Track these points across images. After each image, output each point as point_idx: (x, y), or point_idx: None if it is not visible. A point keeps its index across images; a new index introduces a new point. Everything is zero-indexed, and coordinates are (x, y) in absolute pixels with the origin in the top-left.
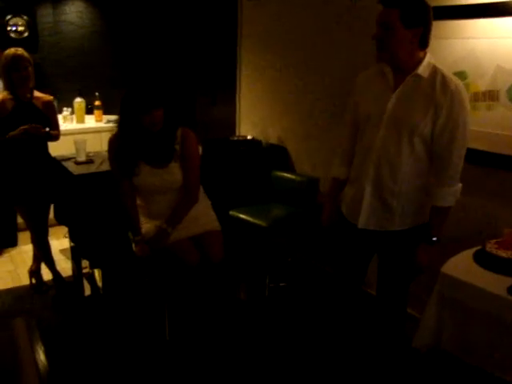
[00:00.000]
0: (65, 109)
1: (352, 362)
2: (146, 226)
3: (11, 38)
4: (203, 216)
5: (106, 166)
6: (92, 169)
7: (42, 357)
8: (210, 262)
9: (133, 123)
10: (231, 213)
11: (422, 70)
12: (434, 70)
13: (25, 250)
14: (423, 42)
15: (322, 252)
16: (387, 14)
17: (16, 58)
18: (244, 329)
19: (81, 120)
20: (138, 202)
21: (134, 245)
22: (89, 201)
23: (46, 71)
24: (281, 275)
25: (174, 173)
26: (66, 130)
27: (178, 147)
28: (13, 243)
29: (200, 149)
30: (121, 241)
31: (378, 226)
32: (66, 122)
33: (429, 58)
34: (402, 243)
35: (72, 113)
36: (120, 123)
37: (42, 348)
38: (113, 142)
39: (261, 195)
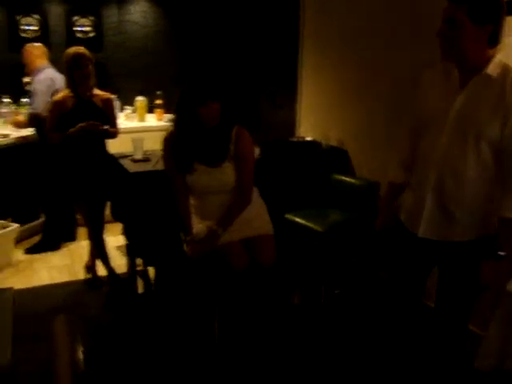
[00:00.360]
0: (127, 107)
1: (410, 377)
2: (198, 226)
3: (78, 37)
4: (256, 219)
5: (161, 165)
6: (148, 167)
7: (79, 357)
8: (259, 266)
9: (189, 117)
10: (287, 216)
11: (492, 69)
12: (505, 70)
13: (83, 245)
14: (493, 40)
15: (379, 259)
16: (454, 9)
17: (77, 56)
18: (296, 334)
19: (142, 118)
20: (191, 201)
21: (185, 245)
22: (143, 199)
23: (109, 70)
24: (336, 282)
25: (228, 173)
26: (127, 128)
27: (232, 147)
28: (72, 238)
29: (257, 150)
30: (174, 240)
31: (439, 236)
32: (128, 120)
33: (499, 57)
34: (465, 256)
35: (133, 111)
36: (176, 119)
37: (81, 348)
38: (168, 140)
39: (318, 199)
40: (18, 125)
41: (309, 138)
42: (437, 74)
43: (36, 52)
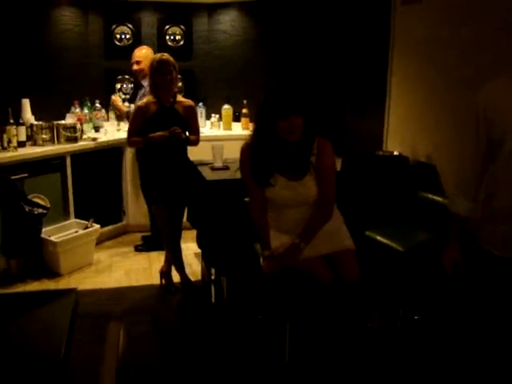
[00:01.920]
0: (213, 115)
1: None
2: (276, 240)
3: (168, 46)
4: (337, 233)
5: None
6: (225, 175)
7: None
8: (344, 283)
9: (269, 130)
10: (367, 233)
11: None
12: None
13: (161, 251)
14: None
15: (464, 287)
16: None
17: (161, 62)
18: (369, 359)
19: (228, 127)
20: (268, 214)
21: (261, 259)
22: (219, 207)
23: (197, 78)
24: (416, 306)
25: (309, 186)
26: (212, 136)
27: (313, 159)
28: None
29: (339, 162)
30: (247, 251)
31: None
32: (214, 128)
33: None
34: None
35: (219, 119)
36: (256, 130)
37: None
38: (245, 151)
39: (402, 217)
40: (120, 112)
41: (396, 153)
42: (503, 86)
43: (152, 55)
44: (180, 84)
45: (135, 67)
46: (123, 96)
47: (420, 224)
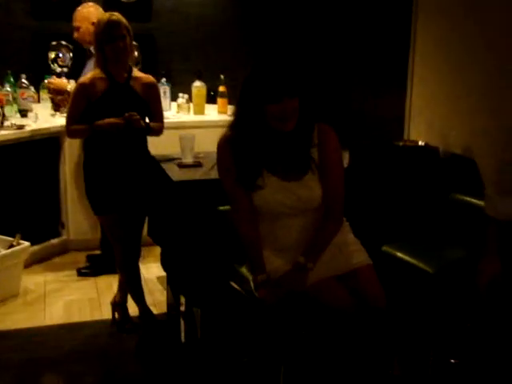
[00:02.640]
0: (180, 95)
1: None
2: (270, 262)
3: (119, 1)
4: (345, 245)
5: (216, 173)
6: (197, 175)
7: None
8: (369, 309)
9: (255, 116)
10: (385, 249)
11: None
12: None
13: (112, 275)
14: None
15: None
16: None
17: (110, 25)
18: None
19: (200, 110)
20: (260, 227)
21: (253, 286)
22: (189, 217)
23: (159, 46)
24: (452, 347)
25: (312, 187)
26: (179, 123)
27: (314, 152)
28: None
29: (346, 156)
30: (227, 275)
31: None
32: (182, 111)
33: None
34: None
35: (189, 100)
36: (237, 116)
37: None
38: (224, 146)
39: (430, 227)
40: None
41: (421, 143)
42: None
43: (96, 15)
44: (136, 54)
45: (76, 35)
46: (59, 69)
47: (454, 236)
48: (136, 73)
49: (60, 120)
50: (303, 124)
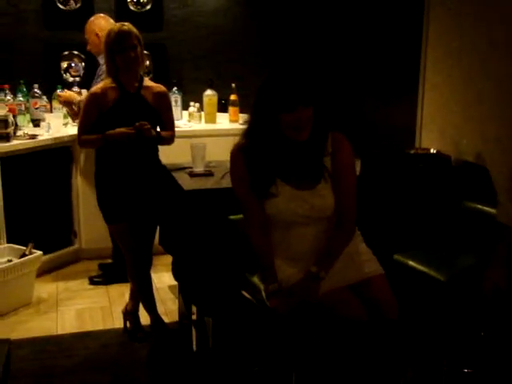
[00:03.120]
0: (191, 104)
1: None
2: (283, 270)
3: (131, 11)
4: (361, 255)
5: (227, 182)
6: (208, 184)
7: None
8: (383, 319)
9: (269, 125)
10: (396, 257)
11: None
12: None
13: (124, 284)
14: None
15: None
16: None
17: (121, 35)
18: None
19: (211, 119)
20: (272, 236)
21: (264, 295)
22: (200, 226)
23: (171, 55)
24: (466, 356)
25: (324, 196)
26: (191, 132)
27: (327, 161)
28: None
29: (358, 164)
30: (239, 284)
31: None
32: (193, 120)
33: None
34: None
35: (200, 109)
36: (251, 125)
37: None
38: (237, 156)
39: (442, 235)
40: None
41: (433, 150)
42: None
43: (107, 25)
44: (148, 63)
45: (88, 46)
46: (71, 79)
47: (466, 244)
48: (147, 82)
49: (72, 130)
50: (317, 133)
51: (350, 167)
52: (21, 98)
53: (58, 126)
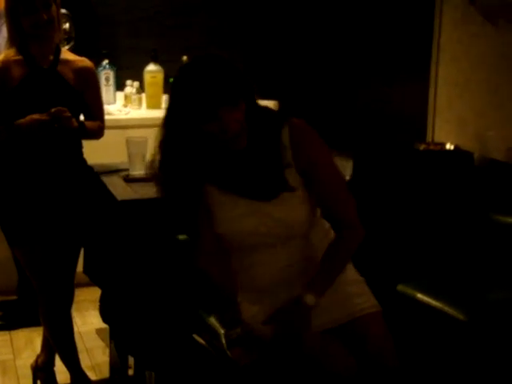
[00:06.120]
0: (128, 82)
1: None
2: (246, 309)
3: None
4: (348, 285)
5: None
6: (150, 192)
7: None
8: (377, 373)
9: (191, 140)
10: (400, 288)
11: None
12: None
13: (34, 328)
14: None
15: None
16: None
17: None
18: None
19: (155, 103)
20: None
21: (224, 342)
22: (138, 248)
23: (99, 15)
24: None
25: (293, 206)
26: (128, 121)
27: (288, 156)
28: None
29: (349, 166)
30: (190, 326)
31: None
32: (130, 104)
33: None
34: None
35: (140, 90)
36: (164, 141)
37: None
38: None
39: (461, 258)
40: None
41: (450, 146)
42: None
43: None
44: (67, 26)
45: None
46: None
47: (495, 271)
48: (66, 54)
49: None
50: (261, 125)
51: (321, 158)
52: None
53: None
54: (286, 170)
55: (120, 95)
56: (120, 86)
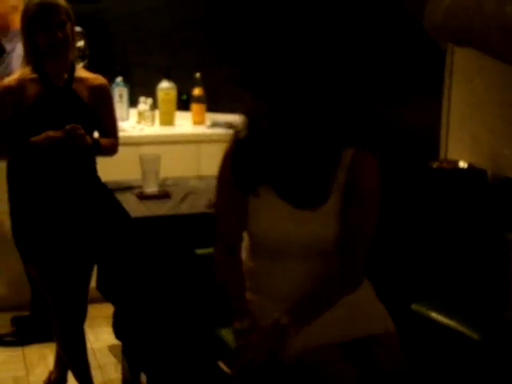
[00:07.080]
0: (142, 99)
1: None
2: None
3: None
4: (364, 304)
5: (189, 206)
6: (164, 209)
7: None
8: None
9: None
10: (414, 307)
11: None
12: None
13: (47, 344)
14: None
15: None
16: None
17: (44, 7)
18: None
19: (168, 120)
20: (249, 266)
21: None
22: (153, 264)
23: (112, 33)
24: None
25: (328, 224)
26: (142, 138)
27: (341, 176)
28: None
29: None
30: (206, 344)
31: None
32: (144, 122)
33: None
34: None
35: (154, 107)
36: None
37: None
38: (230, 158)
39: (475, 278)
40: None
41: (464, 164)
42: None
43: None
44: (82, 44)
45: None
46: None
47: (508, 290)
48: (80, 72)
49: None
50: (325, 135)
51: (370, 191)
52: None
53: None
54: (334, 186)
55: (133, 112)
56: (133, 103)
